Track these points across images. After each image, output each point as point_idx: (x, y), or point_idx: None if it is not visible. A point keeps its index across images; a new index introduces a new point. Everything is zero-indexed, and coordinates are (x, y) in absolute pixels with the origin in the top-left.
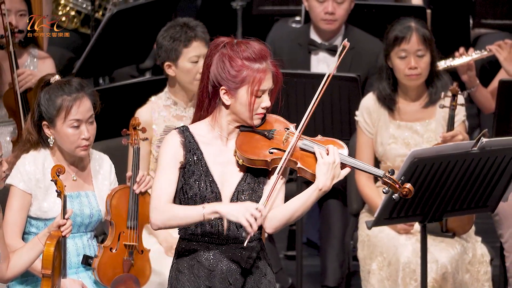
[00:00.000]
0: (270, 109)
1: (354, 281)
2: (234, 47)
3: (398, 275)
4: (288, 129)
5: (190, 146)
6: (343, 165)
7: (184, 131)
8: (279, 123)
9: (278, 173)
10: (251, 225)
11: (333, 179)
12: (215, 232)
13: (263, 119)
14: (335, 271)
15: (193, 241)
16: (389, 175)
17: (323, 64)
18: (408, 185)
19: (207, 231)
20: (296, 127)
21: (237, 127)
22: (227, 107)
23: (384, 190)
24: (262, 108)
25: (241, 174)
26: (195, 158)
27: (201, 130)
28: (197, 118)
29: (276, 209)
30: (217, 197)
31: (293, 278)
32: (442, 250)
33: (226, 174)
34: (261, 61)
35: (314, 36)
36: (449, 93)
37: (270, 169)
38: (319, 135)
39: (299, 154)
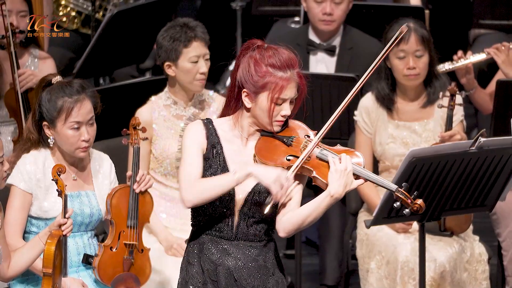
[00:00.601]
0: (293, 116)
1: (353, 280)
2: (262, 52)
3: (397, 274)
4: (308, 136)
5: (212, 139)
6: (356, 176)
7: (208, 124)
8: (301, 130)
9: (289, 179)
10: (280, 192)
11: (345, 186)
12: (225, 226)
13: (285, 125)
14: (334, 270)
15: (203, 233)
16: (401, 190)
17: (322, 64)
18: (419, 201)
19: (217, 225)
20: (316, 135)
21: (258, 130)
22: (248, 110)
23: (395, 205)
24: (282, 116)
25: None
26: (214, 152)
27: (224, 126)
28: (223, 114)
29: (290, 213)
30: (230, 194)
31: (292, 277)
32: (440, 249)
33: None
34: (285, 69)
35: (312, 36)
36: (448, 93)
37: None
38: (338, 144)
39: (315, 163)
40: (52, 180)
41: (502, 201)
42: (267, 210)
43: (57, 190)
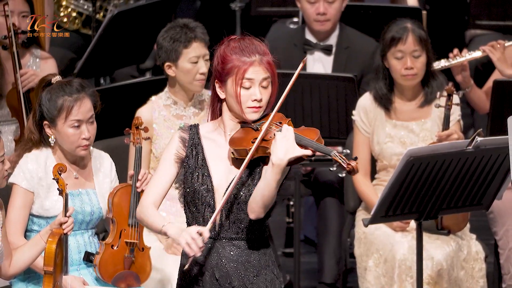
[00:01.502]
0: (271, 105)
1: (351, 278)
2: (230, 43)
3: (394, 272)
4: (280, 123)
5: (192, 141)
6: (303, 147)
7: (191, 128)
8: (276, 118)
9: (246, 161)
10: (191, 248)
11: (285, 152)
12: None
13: (265, 116)
14: (332, 268)
15: None
16: (338, 153)
17: (319, 64)
18: (353, 163)
19: (200, 224)
20: (289, 122)
21: (240, 123)
22: (225, 102)
23: (331, 169)
24: (253, 101)
25: (236, 169)
26: (194, 153)
27: (208, 127)
28: (212, 117)
29: (252, 196)
30: (209, 190)
31: (291, 275)
32: (437, 248)
33: (224, 169)
34: (249, 54)
35: (309, 36)
36: (445, 93)
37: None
38: (302, 126)
39: (272, 141)
40: (53, 179)
41: (499, 200)
42: (187, 266)
43: (58, 189)
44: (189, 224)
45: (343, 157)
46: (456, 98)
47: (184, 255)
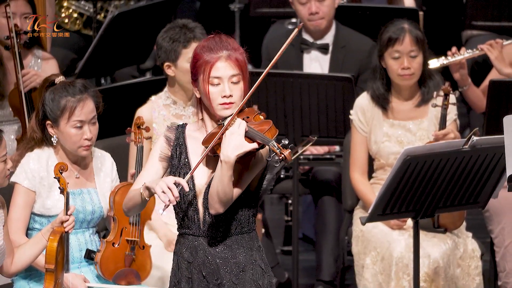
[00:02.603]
0: (244, 101)
1: (349, 275)
2: (202, 42)
3: (391, 270)
4: (248, 117)
5: (177, 141)
6: (250, 139)
7: (178, 128)
8: (246, 113)
9: (202, 157)
10: (167, 196)
11: (233, 149)
12: (192, 224)
13: (241, 111)
14: (330, 266)
15: (179, 233)
16: (276, 143)
17: (316, 63)
18: (286, 152)
19: (186, 222)
20: (256, 116)
21: (217, 121)
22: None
23: (267, 159)
24: (222, 97)
25: (215, 166)
26: (178, 152)
27: (193, 127)
28: (198, 117)
29: (209, 192)
30: (191, 189)
31: (289, 272)
32: (434, 246)
33: (205, 167)
34: (216, 51)
35: (306, 35)
36: (441, 93)
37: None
38: (261, 115)
39: None
40: (54, 178)
41: (495, 198)
42: (161, 211)
43: (59, 187)
44: (177, 223)
45: (280, 146)
46: (452, 98)
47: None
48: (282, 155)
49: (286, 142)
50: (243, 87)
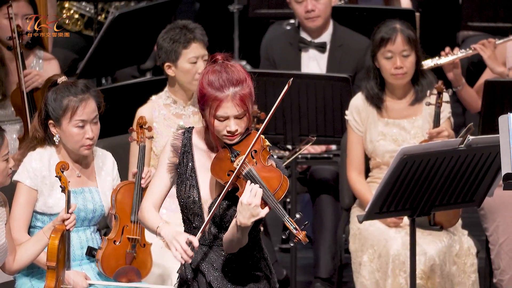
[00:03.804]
0: (249, 127)
1: (346, 273)
2: (209, 68)
3: (388, 267)
4: (255, 151)
5: (184, 148)
6: (265, 205)
7: (185, 133)
8: (250, 143)
9: (218, 201)
10: (181, 257)
11: (249, 218)
12: (198, 232)
13: (245, 136)
14: (328, 263)
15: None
16: (290, 218)
17: (314, 62)
18: (302, 234)
19: (192, 231)
20: (263, 150)
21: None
22: None
23: (283, 236)
24: (228, 132)
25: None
26: (185, 160)
27: (200, 136)
28: (203, 123)
29: (224, 237)
30: (195, 201)
31: (287, 270)
32: (430, 243)
33: (212, 181)
34: (222, 89)
35: (303, 34)
36: (435, 91)
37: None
38: (271, 164)
39: (243, 182)
40: (55, 176)
41: (490, 197)
42: (178, 270)
43: (60, 186)
44: (185, 224)
45: (294, 224)
46: (446, 96)
47: None
48: (297, 238)
49: (299, 216)
50: (248, 117)
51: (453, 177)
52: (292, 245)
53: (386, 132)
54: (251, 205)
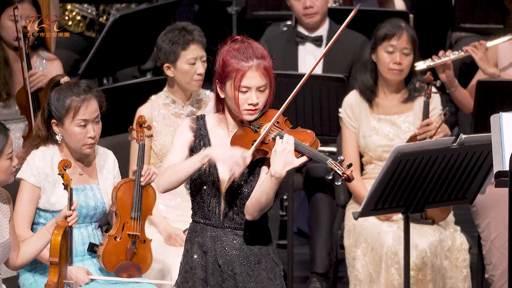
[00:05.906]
0: (269, 105)
1: (341, 268)
2: (231, 44)
3: (381, 260)
4: (278, 122)
5: (200, 132)
6: (299, 153)
7: (199, 119)
8: (273, 117)
9: (245, 157)
10: (233, 172)
11: (284, 166)
12: (212, 215)
13: (263, 115)
14: (324, 259)
15: (196, 222)
16: (333, 161)
17: (310, 56)
18: (348, 171)
19: (206, 213)
20: (285, 121)
21: (241, 121)
22: (225, 101)
23: (327, 177)
24: (249, 105)
25: None
26: (202, 144)
27: (213, 120)
28: (217, 109)
29: (250, 199)
30: (215, 182)
31: (284, 265)
32: (421, 236)
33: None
34: (247, 59)
35: (300, 29)
36: (424, 82)
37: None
38: (299, 127)
39: (271, 145)
40: (58, 174)
41: (482, 194)
42: (224, 186)
43: (63, 183)
44: (194, 212)
45: (338, 165)
46: (434, 89)
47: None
48: (346, 175)
49: (343, 158)
50: (269, 93)
51: (446, 175)
52: (339, 183)
53: (378, 128)
54: (285, 150)
